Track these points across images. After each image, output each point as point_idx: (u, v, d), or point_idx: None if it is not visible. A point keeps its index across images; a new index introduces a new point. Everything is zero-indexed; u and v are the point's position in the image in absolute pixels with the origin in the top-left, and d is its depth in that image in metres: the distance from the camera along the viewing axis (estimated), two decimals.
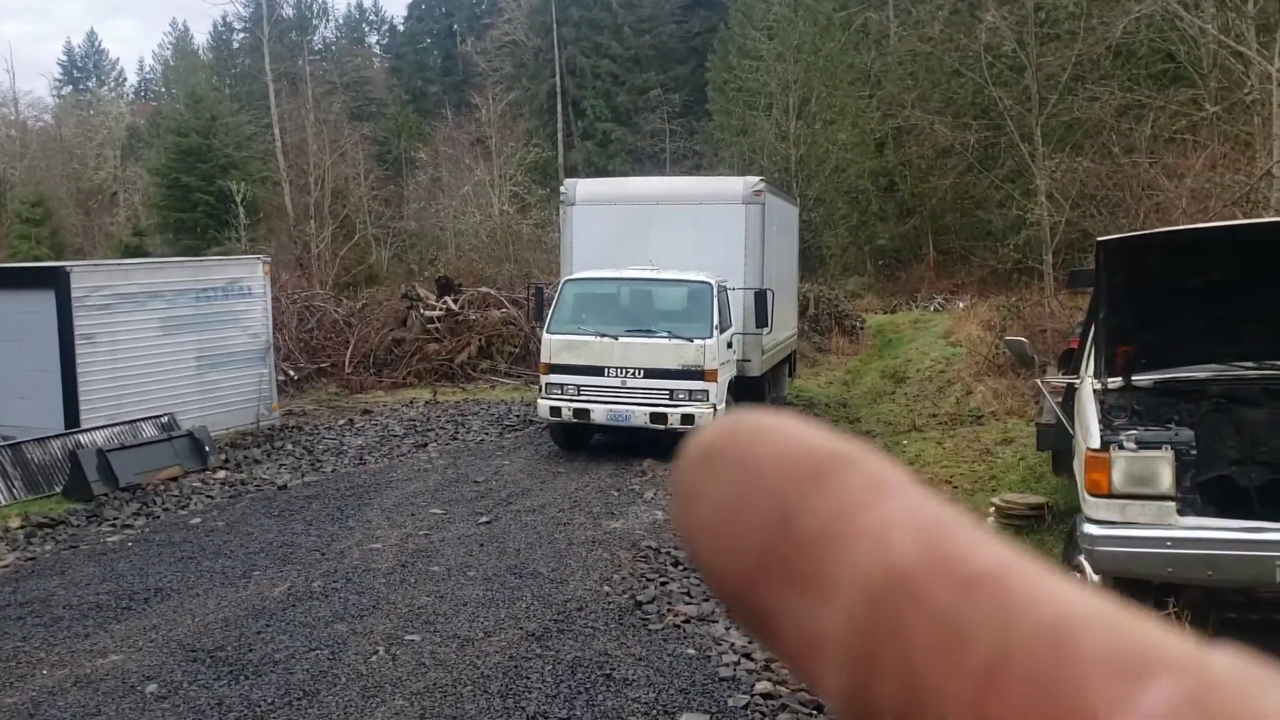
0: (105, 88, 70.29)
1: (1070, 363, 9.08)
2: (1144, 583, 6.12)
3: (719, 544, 0.29)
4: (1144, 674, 0.23)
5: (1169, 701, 0.23)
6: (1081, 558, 6.25)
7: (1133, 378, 6.96)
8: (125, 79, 77.73)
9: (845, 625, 0.26)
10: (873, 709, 0.26)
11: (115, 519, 10.19)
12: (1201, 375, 7.06)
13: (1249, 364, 7.07)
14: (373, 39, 73.69)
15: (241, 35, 65.41)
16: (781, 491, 0.29)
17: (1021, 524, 9.03)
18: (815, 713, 5.81)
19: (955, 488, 11.05)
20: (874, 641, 0.26)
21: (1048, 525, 8.91)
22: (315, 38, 66.12)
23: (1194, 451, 6.22)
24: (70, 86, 71.17)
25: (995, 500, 9.50)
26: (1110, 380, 6.90)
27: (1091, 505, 6.23)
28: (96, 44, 76.01)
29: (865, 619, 0.26)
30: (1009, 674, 0.24)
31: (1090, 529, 6.17)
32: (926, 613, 0.25)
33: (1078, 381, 7.61)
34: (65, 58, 74.26)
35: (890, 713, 0.25)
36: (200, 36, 74.68)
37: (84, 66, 74.03)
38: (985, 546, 0.27)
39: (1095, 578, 6.22)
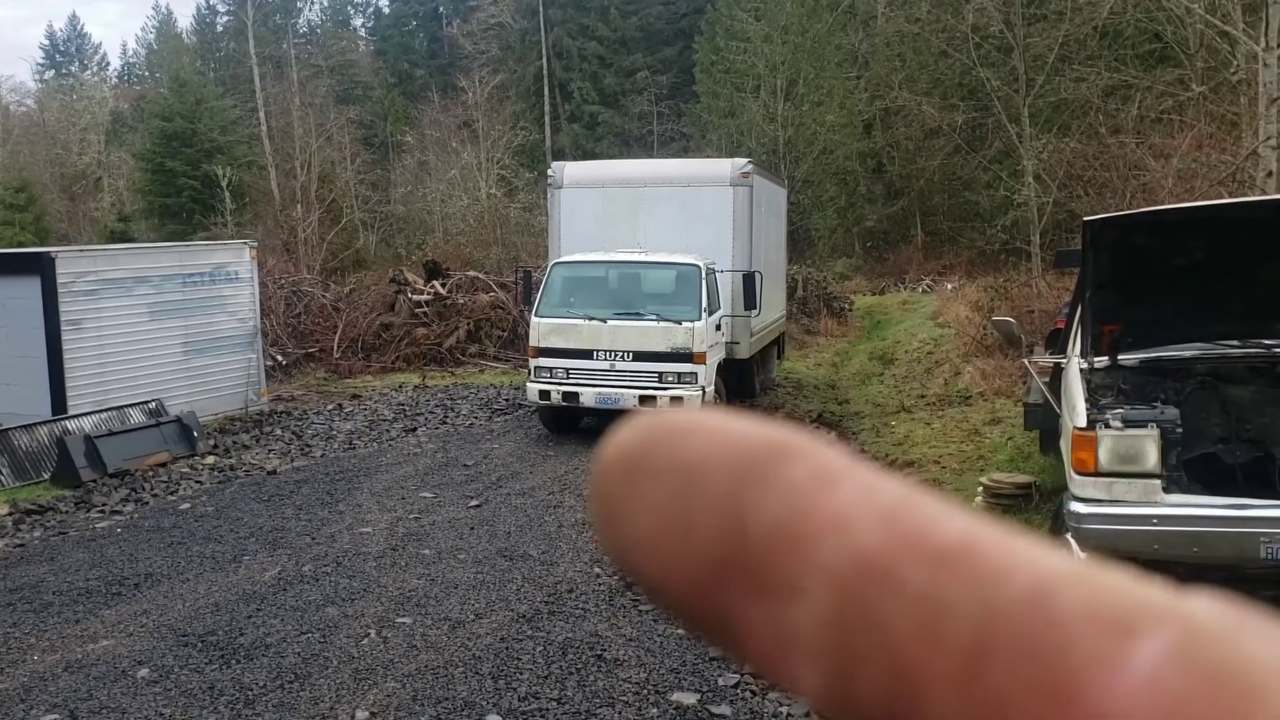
0: (88, 72, 69.75)
1: (1057, 343, 9.12)
2: (1130, 560, 6.16)
3: (664, 559, 0.27)
4: (1130, 630, 0.23)
5: (1156, 656, 0.23)
6: (1068, 536, 6.29)
7: (1119, 357, 6.99)
8: (108, 63, 77.27)
9: (817, 622, 0.25)
10: (856, 703, 0.25)
11: (104, 505, 10.17)
12: (1187, 354, 7.10)
13: (1234, 342, 7.11)
14: (358, 22, 73.26)
15: (225, 18, 64.97)
16: (725, 493, 0.27)
17: (1009, 503, 9.08)
18: None
19: (943, 468, 11.11)
20: (850, 634, 0.25)
21: (1035, 504, 8.97)
22: (300, 20, 65.75)
23: (1179, 430, 6.26)
24: (53, 71, 70.60)
25: (983, 480, 9.55)
26: (1096, 359, 6.93)
27: (1078, 484, 6.27)
28: (79, 28, 75.53)
29: (838, 613, 0.25)
30: (995, 647, 0.24)
31: (1077, 507, 6.20)
32: (901, 596, 0.25)
33: (1064, 361, 7.64)
34: (47, 42, 73.75)
35: (875, 704, 0.25)
36: (184, 20, 74.28)
37: (66, 50, 73.45)
38: (950, 520, 0.26)
39: (1082, 556, 6.26)
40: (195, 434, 12.26)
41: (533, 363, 12.50)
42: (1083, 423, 6.27)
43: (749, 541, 0.26)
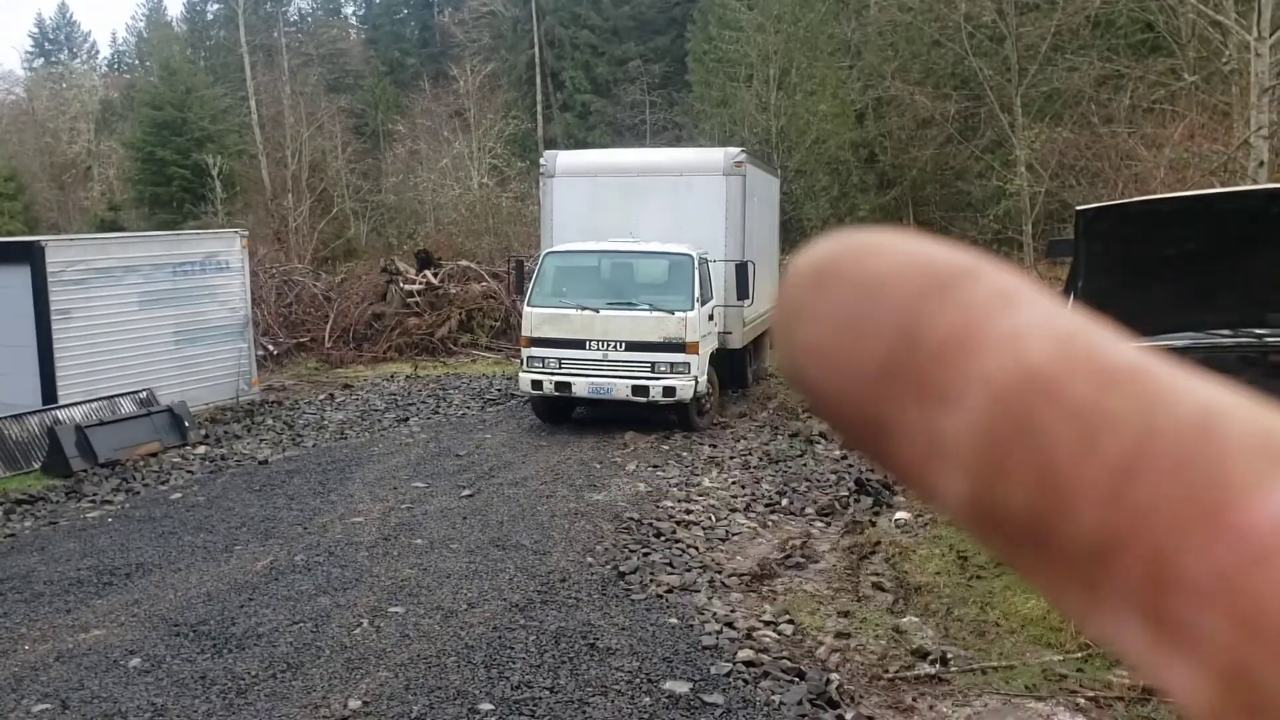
0: (78, 60, 69.31)
1: None
2: None
3: (833, 362, 0.28)
4: None
5: None
6: None
7: None
8: (98, 51, 76.64)
9: (973, 429, 0.26)
10: (999, 511, 0.26)
11: (95, 495, 10.15)
12: (1179, 344, 7.11)
13: (1226, 332, 7.13)
14: (349, 10, 72.82)
15: (216, 7, 64.64)
16: (904, 304, 0.28)
17: None
18: (797, 680, 5.86)
19: None
20: (1004, 442, 0.25)
21: None
22: (290, 9, 65.36)
23: None
24: (42, 59, 70.13)
25: None
26: None
27: None
28: (68, 16, 74.87)
29: (996, 421, 0.26)
30: (1150, 459, 0.24)
31: None
32: (1063, 408, 0.25)
33: None
34: (36, 30, 73.23)
35: (1019, 511, 0.25)
36: (174, 8, 73.88)
37: (55, 39, 72.93)
38: (1122, 347, 0.26)
39: None
40: (186, 424, 12.23)
41: (525, 352, 12.48)
42: None
43: (918, 349, 0.27)
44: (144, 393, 12.66)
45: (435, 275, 21.07)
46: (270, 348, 18.55)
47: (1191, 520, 0.23)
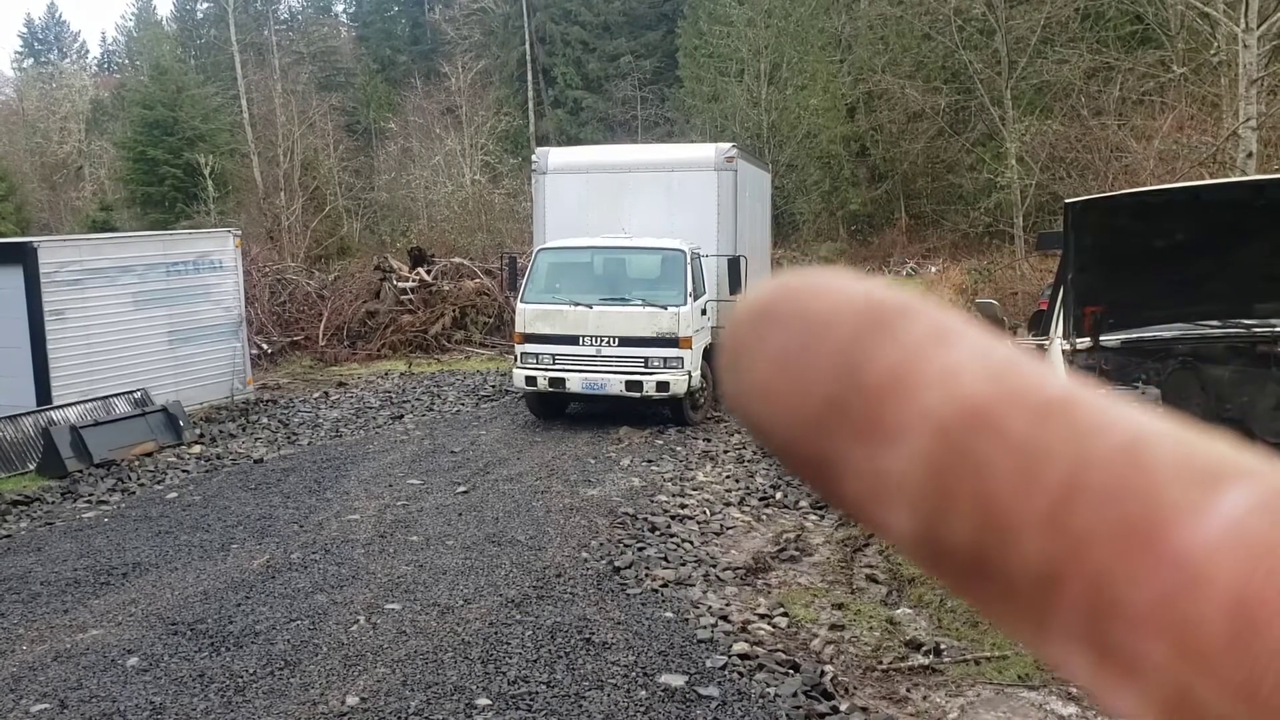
0: (67, 60, 69.19)
1: (1040, 324, 9.18)
2: None
3: (778, 400, 0.29)
4: (1218, 482, 0.24)
5: (1243, 506, 0.23)
6: None
7: (1101, 338, 7.05)
8: (87, 51, 76.74)
9: (916, 465, 0.27)
10: (945, 543, 0.26)
11: (90, 495, 10.16)
12: (1168, 334, 7.16)
13: (1214, 323, 7.18)
14: (339, 8, 72.82)
15: (206, 5, 64.52)
16: (845, 342, 0.28)
17: None
18: (791, 672, 5.90)
19: None
20: (947, 476, 0.26)
21: None
22: (281, 7, 65.29)
23: (1161, 410, 6.31)
24: (31, 59, 70.01)
25: None
26: (1078, 340, 6.99)
27: None
28: (57, 16, 74.89)
29: (937, 456, 0.26)
30: (1086, 488, 0.25)
31: None
32: (1002, 441, 0.26)
33: (1047, 342, 7.70)
34: (26, 30, 73.07)
35: (964, 543, 0.26)
36: (164, 7, 73.61)
37: (45, 39, 72.85)
38: (1054, 379, 0.27)
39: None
40: (181, 423, 12.24)
41: (519, 349, 12.51)
42: None
43: (859, 388, 0.28)
44: (139, 393, 12.67)
45: (428, 272, 21.08)
46: (264, 346, 18.55)
47: (1128, 548, 0.24)
